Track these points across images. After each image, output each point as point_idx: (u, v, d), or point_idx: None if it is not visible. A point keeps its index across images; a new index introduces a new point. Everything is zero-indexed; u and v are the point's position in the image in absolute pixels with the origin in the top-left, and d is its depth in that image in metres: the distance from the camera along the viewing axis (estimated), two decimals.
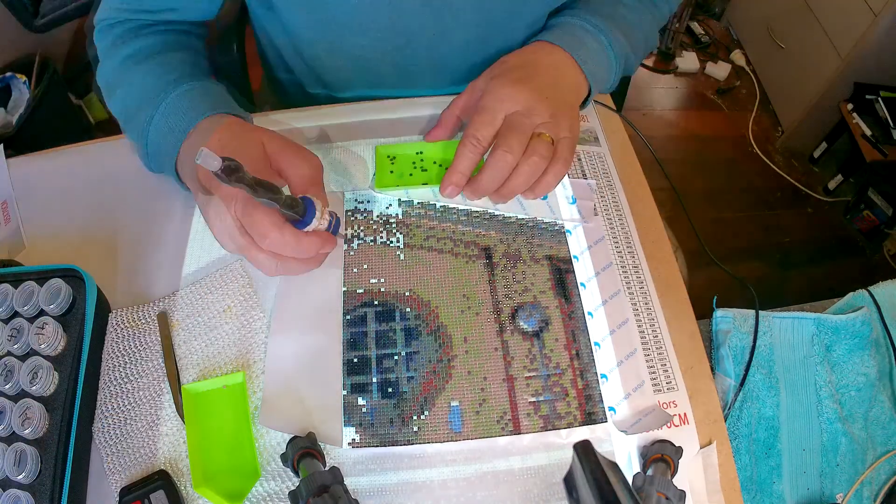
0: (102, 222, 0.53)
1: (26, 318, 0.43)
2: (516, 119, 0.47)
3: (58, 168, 0.58)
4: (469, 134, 0.48)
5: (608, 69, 0.55)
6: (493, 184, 0.48)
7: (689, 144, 1.94)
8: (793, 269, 1.68)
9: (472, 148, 0.48)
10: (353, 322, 0.47)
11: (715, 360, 0.59)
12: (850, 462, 0.57)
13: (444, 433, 0.43)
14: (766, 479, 0.56)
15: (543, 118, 0.48)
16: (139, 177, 0.56)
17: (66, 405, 0.41)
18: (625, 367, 0.46)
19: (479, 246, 0.51)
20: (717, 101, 2.06)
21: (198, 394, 0.44)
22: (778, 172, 1.87)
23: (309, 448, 0.39)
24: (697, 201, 1.77)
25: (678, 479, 0.41)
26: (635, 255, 0.51)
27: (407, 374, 0.45)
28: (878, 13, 1.48)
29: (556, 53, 0.52)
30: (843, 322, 0.61)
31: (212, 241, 0.51)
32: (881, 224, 1.66)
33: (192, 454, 0.41)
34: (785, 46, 1.89)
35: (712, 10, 2.28)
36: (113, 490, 0.41)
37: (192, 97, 0.48)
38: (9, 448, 0.38)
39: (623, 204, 0.54)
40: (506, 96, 0.48)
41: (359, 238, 0.51)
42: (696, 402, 0.45)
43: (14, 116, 1.31)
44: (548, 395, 0.44)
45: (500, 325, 0.47)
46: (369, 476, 0.42)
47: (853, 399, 0.60)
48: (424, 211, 0.53)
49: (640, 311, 0.49)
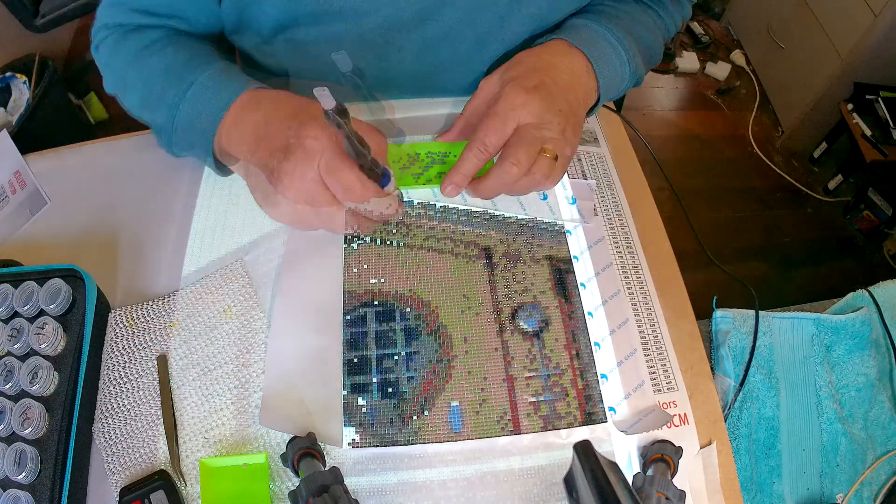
0: (102, 222, 0.53)
1: (26, 318, 0.43)
2: (528, 132, 0.47)
3: (58, 168, 0.58)
4: (477, 138, 0.47)
5: (620, 82, 0.54)
6: (494, 192, 0.48)
7: (689, 144, 1.94)
8: (793, 269, 1.68)
9: (479, 153, 0.48)
10: (354, 322, 0.47)
11: (715, 360, 0.59)
12: (849, 462, 0.57)
13: (444, 433, 0.43)
14: (766, 479, 0.56)
15: (553, 133, 0.47)
16: (139, 177, 0.56)
17: (66, 405, 0.41)
18: (625, 367, 0.46)
19: (479, 246, 0.51)
20: (717, 101, 2.07)
21: (215, 469, 0.41)
22: (778, 172, 1.87)
23: (309, 448, 0.39)
24: (697, 201, 1.77)
25: (678, 479, 0.41)
26: (635, 255, 0.51)
27: (407, 374, 0.45)
28: (878, 13, 1.48)
29: (574, 56, 0.51)
30: (843, 322, 0.61)
31: (212, 241, 0.51)
32: (881, 224, 1.67)
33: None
34: (785, 46, 1.89)
35: (712, 10, 2.28)
36: (113, 490, 0.41)
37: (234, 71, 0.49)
38: (9, 448, 0.38)
39: (623, 204, 0.54)
40: (519, 105, 0.47)
41: (359, 238, 0.51)
42: (696, 402, 0.45)
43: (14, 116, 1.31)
44: (548, 395, 0.44)
45: (500, 326, 0.47)
46: (369, 476, 0.42)
47: (853, 399, 0.60)
48: (424, 211, 0.53)
49: (640, 311, 0.49)
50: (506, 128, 0.47)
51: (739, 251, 1.70)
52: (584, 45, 0.51)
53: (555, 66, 0.50)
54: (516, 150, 0.46)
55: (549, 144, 0.47)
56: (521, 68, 0.50)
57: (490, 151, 0.48)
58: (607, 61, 0.52)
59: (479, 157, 0.48)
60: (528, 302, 0.48)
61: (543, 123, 0.47)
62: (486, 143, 0.47)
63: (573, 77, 0.50)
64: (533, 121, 0.47)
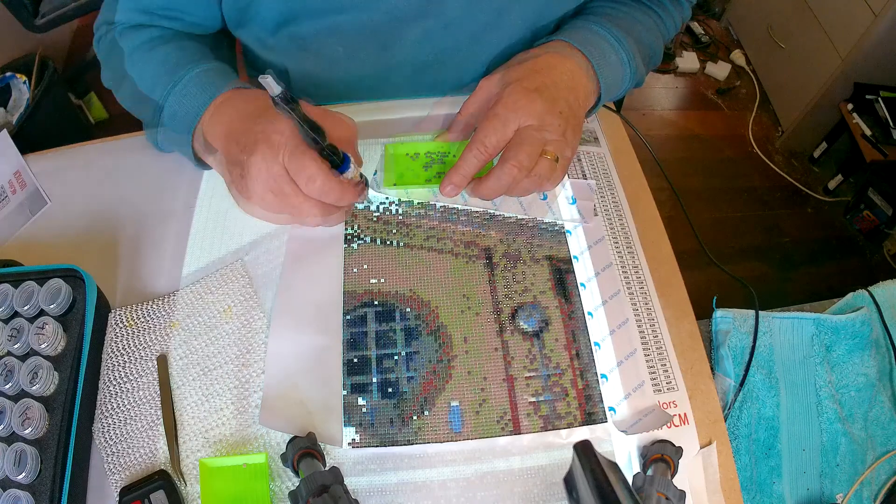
0: (102, 222, 0.53)
1: (26, 318, 0.43)
2: (529, 134, 0.47)
3: (58, 168, 0.58)
4: (477, 139, 0.47)
5: (621, 83, 0.55)
6: (494, 193, 0.48)
7: (688, 144, 1.94)
8: (793, 269, 1.68)
9: (478, 154, 0.48)
10: (354, 322, 0.47)
11: (715, 360, 0.59)
12: (849, 462, 0.57)
13: (444, 433, 0.43)
14: (766, 479, 0.56)
15: (554, 135, 0.47)
16: (139, 177, 0.56)
17: (66, 405, 0.41)
18: (625, 367, 0.46)
19: (479, 246, 0.51)
20: (717, 101, 2.07)
21: (215, 469, 0.41)
22: (778, 172, 1.87)
23: (309, 448, 0.39)
24: (697, 201, 1.77)
25: (678, 479, 0.41)
26: (635, 255, 0.51)
27: (407, 374, 0.45)
28: (878, 13, 1.48)
29: (574, 57, 0.51)
30: (842, 322, 0.61)
31: (212, 241, 0.51)
32: (881, 224, 1.67)
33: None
34: (785, 46, 1.89)
35: (712, 10, 2.28)
36: (113, 490, 0.41)
37: (221, 71, 0.51)
38: (9, 448, 0.38)
39: (623, 204, 0.54)
40: (520, 107, 0.47)
41: (359, 238, 0.51)
42: (696, 402, 0.45)
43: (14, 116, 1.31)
44: (548, 395, 0.44)
45: (500, 326, 0.47)
46: (369, 476, 0.42)
47: (853, 399, 0.60)
48: (424, 211, 0.53)
49: (640, 311, 0.49)
50: (506, 129, 0.47)
51: (739, 251, 1.70)
52: (584, 45, 0.51)
53: (555, 67, 0.50)
54: (517, 152, 0.46)
55: (550, 146, 0.47)
56: (521, 69, 0.50)
57: (490, 152, 0.48)
58: (608, 62, 0.52)
59: (478, 157, 0.48)
60: (528, 302, 0.48)
61: (544, 125, 0.47)
62: (487, 143, 0.47)
63: (573, 78, 0.50)
64: (534, 122, 0.47)
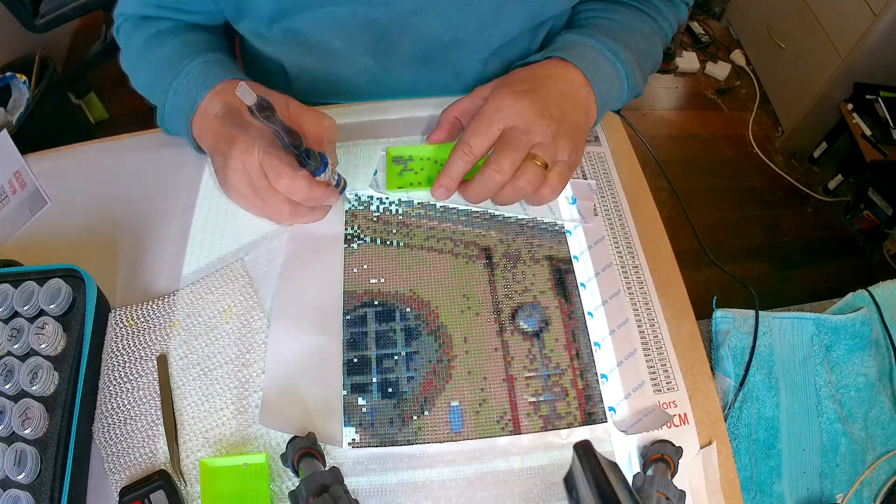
0: (102, 222, 0.53)
1: (26, 318, 0.43)
2: (513, 136, 0.46)
3: (58, 168, 0.58)
4: (463, 140, 0.47)
5: (618, 95, 0.54)
6: (478, 198, 0.48)
7: (688, 144, 1.94)
8: (793, 269, 1.68)
9: (464, 155, 0.47)
10: (353, 322, 0.47)
11: (715, 360, 0.59)
12: (849, 462, 0.57)
13: (444, 433, 0.43)
14: (766, 479, 0.56)
15: (542, 138, 0.46)
16: (139, 177, 0.56)
17: (66, 405, 0.41)
18: (625, 367, 0.46)
19: (479, 246, 0.51)
20: (717, 101, 2.07)
21: (215, 469, 0.41)
22: (778, 172, 1.87)
23: (309, 448, 0.39)
24: (697, 201, 1.77)
25: (678, 479, 0.41)
26: (635, 255, 0.51)
27: (407, 374, 0.45)
28: (878, 13, 1.48)
29: (570, 72, 0.51)
30: (842, 322, 0.61)
31: (212, 241, 0.51)
32: (881, 224, 1.67)
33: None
34: (785, 46, 1.89)
35: (712, 10, 2.28)
36: (113, 490, 0.41)
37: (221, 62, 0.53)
38: (9, 448, 0.38)
39: (623, 204, 0.54)
40: (506, 106, 0.46)
41: (359, 238, 0.51)
42: (696, 402, 0.45)
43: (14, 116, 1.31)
44: (548, 395, 0.44)
45: (500, 326, 0.47)
46: (369, 476, 0.42)
47: (853, 399, 0.60)
48: (424, 211, 0.53)
49: (640, 311, 0.49)
50: (491, 129, 0.46)
51: (739, 251, 1.70)
52: (580, 60, 0.51)
53: (549, 78, 0.50)
54: (500, 156, 0.45)
55: (538, 150, 0.46)
56: (516, 75, 0.51)
57: (475, 153, 0.47)
58: (604, 76, 0.52)
59: (464, 159, 0.47)
60: (528, 302, 0.48)
61: (531, 128, 0.46)
62: (471, 144, 0.47)
63: (570, 87, 0.50)
64: (519, 124, 0.46)
